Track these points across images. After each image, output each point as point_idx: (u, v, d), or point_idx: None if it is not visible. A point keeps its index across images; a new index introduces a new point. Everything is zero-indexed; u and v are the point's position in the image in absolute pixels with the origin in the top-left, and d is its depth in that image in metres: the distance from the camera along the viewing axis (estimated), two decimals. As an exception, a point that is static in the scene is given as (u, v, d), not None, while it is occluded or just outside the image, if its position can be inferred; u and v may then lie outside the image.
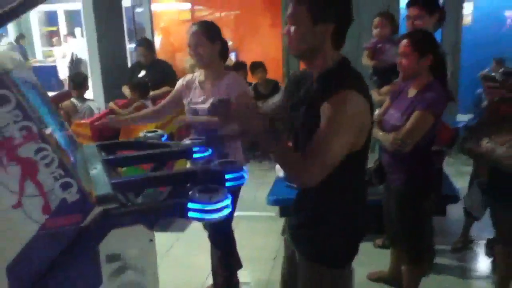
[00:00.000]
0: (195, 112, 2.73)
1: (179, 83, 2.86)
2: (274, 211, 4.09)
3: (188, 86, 2.80)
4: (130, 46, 8.33)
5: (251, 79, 5.87)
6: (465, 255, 3.48)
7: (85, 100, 4.95)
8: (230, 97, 2.59)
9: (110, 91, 5.57)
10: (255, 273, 3.16)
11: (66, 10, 12.54)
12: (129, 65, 7.72)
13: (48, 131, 1.50)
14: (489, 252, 3.33)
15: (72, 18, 12.95)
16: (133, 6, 8.73)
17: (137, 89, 4.84)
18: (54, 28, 12.90)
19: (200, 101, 2.71)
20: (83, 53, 11.79)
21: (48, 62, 12.17)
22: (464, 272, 3.29)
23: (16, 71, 1.58)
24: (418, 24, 2.97)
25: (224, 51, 2.74)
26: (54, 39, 12.40)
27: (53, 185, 1.41)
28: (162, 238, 2.41)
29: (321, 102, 1.54)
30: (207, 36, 2.60)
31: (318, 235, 1.70)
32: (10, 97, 1.34)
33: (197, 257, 3.22)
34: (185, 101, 2.80)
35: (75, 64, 11.92)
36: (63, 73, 11.22)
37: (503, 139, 2.25)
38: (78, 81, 4.96)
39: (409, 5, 3.07)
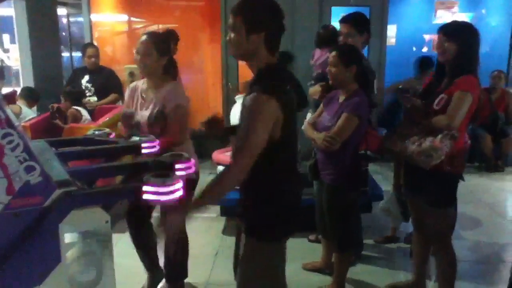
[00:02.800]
0: (138, 123, 2.78)
1: (126, 93, 2.95)
2: (215, 212, 4.28)
3: (131, 95, 2.89)
4: (64, 54, 8.20)
5: None
6: (388, 248, 3.84)
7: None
8: (165, 109, 2.71)
9: (44, 100, 5.45)
10: (198, 269, 3.29)
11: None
12: (64, 74, 7.60)
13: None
14: (408, 243, 3.70)
15: None
16: (68, 15, 8.60)
17: (69, 97, 4.83)
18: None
19: (142, 111, 2.79)
20: (5, 60, 11.38)
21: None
22: (387, 261, 3.63)
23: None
24: (350, 41, 3.28)
25: (170, 67, 2.82)
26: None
27: (18, 167, 1.52)
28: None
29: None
30: (156, 48, 2.69)
31: (253, 213, 1.98)
32: (-21, 85, 1.44)
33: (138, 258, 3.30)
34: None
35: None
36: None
37: (414, 138, 2.58)
38: (29, 94, 4.92)
39: (341, 21, 3.40)
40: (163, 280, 3.09)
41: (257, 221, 1.97)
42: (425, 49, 7.75)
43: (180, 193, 1.77)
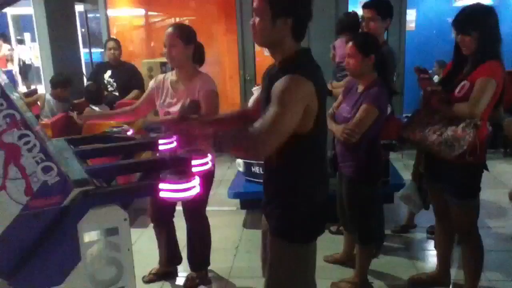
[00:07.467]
0: (168, 114, 2.79)
1: (151, 84, 2.96)
2: (235, 205, 4.29)
3: (159, 87, 2.88)
4: (84, 51, 8.29)
5: None
6: (410, 238, 3.79)
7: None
8: (199, 99, 2.71)
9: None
10: (219, 262, 3.31)
11: (14, 14, 12.26)
12: (84, 70, 7.69)
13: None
14: (430, 236, 3.63)
15: (21, 22, 12.64)
16: (86, 11, 8.68)
17: (88, 96, 4.82)
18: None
19: (173, 102, 2.80)
20: (32, 59, 11.62)
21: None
22: (409, 252, 3.58)
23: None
24: (372, 26, 3.23)
25: (198, 54, 2.84)
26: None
27: (35, 168, 1.53)
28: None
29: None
30: (181, 38, 2.71)
31: (281, 213, 1.86)
32: (-5, 87, 1.45)
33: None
34: (157, 102, 2.87)
35: (25, 69, 11.71)
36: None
37: (434, 127, 2.51)
38: (59, 81, 4.94)
39: (364, 6, 3.34)
40: (188, 269, 3.17)
41: (289, 222, 1.85)
42: (448, 34, 7.57)
43: (197, 189, 1.77)
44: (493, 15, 2.45)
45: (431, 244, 3.58)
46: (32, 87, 9.87)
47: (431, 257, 3.43)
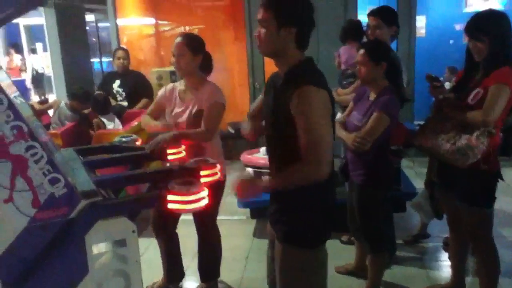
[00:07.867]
0: (177, 125, 2.79)
1: (160, 93, 2.94)
2: (245, 214, 4.26)
3: (168, 96, 2.88)
4: (94, 60, 8.36)
5: None
6: (423, 247, 3.71)
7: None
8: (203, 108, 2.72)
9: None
10: (229, 272, 3.28)
11: (26, 25, 12.44)
12: (94, 79, 7.74)
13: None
14: (446, 247, 3.56)
15: (33, 32, 12.83)
16: (97, 21, 8.78)
17: (95, 106, 4.75)
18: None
19: (179, 111, 2.80)
20: (45, 68, 11.79)
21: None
22: (422, 262, 3.50)
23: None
24: (378, 33, 3.22)
25: (206, 64, 2.84)
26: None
27: (42, 180, 1.52)
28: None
29: (286, 96, 1.74)
30: (190, 47, 2.71)
31: (286, 219, 1.87)
32: (2, 98, 1.44)
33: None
34: (167, 111, 2.87)
35: (38, 78, 11.86)
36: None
37: (447, 136, 2.47)
38: (78, 95, 4.90)
39: (369, 14, 3.33)
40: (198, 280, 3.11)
41: (299, 228, 1.85)
42: (458, 40, 7.51)
43: (205, 201, 1.74)
44: (506, 21, 2.42)
45: (445, 254, 3.51)
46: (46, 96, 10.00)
47: (445, 268, 3.35)
